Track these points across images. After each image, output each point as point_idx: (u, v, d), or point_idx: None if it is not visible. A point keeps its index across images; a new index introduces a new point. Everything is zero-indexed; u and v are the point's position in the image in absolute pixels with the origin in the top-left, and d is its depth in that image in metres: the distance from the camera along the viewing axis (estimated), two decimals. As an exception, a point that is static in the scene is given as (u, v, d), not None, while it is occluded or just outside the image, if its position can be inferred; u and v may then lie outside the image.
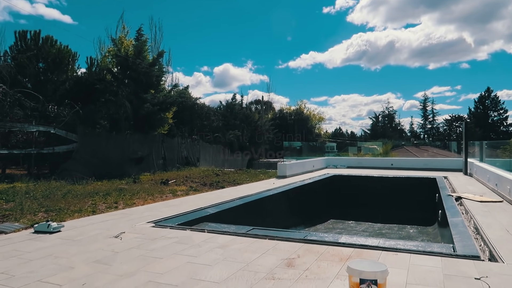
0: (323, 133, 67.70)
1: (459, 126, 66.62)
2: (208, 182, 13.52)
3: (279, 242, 5.21)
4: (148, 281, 3.76)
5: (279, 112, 54.93)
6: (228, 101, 37.42)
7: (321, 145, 50.20)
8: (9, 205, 8.18)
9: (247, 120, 35.51)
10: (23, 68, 18.02)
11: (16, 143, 16.53)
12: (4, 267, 4.19)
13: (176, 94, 25.09)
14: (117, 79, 21.23)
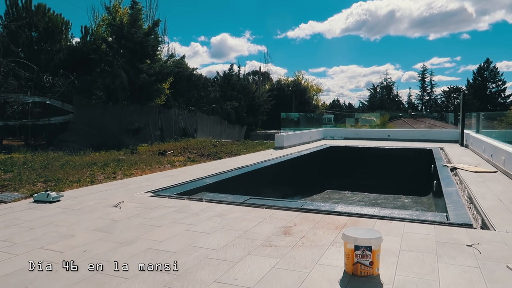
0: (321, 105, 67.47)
1: (457, 97, 66.51)
2: (205, 153, 13.57)
3: (276, 211, 5.30)
4: (148, 248, 3.84)
5: (276, 83, 54.50)
6: (225, 72, 37.01)
7: (319, 116, 50.10)
8: (7, 175, 8.22)
9: (244, 91, 35.23)
10: (15, 37, 17.67)
11: (12, 114, 16.43)
12: (5, 235, 4.26)
13: (173, 64, 24.76)
14: (112, 49, 20.88)
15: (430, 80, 74.13)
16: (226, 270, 3.26)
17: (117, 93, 19.69)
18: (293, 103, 50.22)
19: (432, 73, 76.57)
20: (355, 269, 3.08)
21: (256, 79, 52.36)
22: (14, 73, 15.18)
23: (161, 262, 3.46)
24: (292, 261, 3.46)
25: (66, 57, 19.68)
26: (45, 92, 16.65)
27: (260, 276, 3.13)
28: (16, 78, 15.50)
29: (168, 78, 23.08)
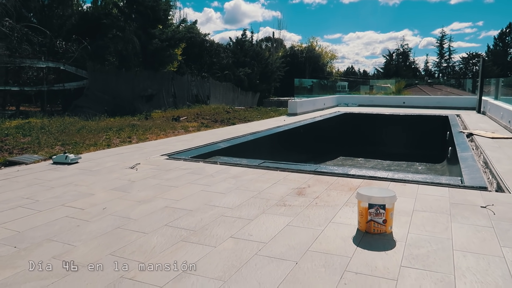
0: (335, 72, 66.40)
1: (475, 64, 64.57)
2: (219, 119, 13.61)
3: (289, 174, 5.35)
4: (165, 206, 3.94)
5: (290, 49, 53.54)
6: (238, 38, 36.40)
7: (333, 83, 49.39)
8: (26, 139, 8.41)
9: (257, 57, 34.75)
10: (27, 1, 17.54)
11: (27, 80, 16.59)
12: (28, 193, 4.42)
13: (185, 29, 24.44)
14: (124, 14, 20.65)
15: (448, 46, 71.95)
16: (241, 227, 3.35)
17: (129, 59, 19.63)
18: (307, 70, 49.49)
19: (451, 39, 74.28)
20: (368, 226, 3.13)
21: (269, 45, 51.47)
22: (28, 38, 15.19)
23: (178, 218, 3.57)
24: (306, 219, 3.52)
25: (78, 22, 19.56)
26: (59, 57, 16.69)
27: (275, 233, 3.20)
28: (29, 44, 15.53)
29: (180, 43, 22.85)
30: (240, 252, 2.85)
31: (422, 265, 2.61)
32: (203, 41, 31.09)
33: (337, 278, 2.45)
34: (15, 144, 7.56)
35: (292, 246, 2.94)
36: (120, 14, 20.77)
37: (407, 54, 75.17)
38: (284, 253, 2.81)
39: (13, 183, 4.91)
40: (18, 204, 4.02)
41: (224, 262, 2.68)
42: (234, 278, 2.46)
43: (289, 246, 2.93)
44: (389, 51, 77.00)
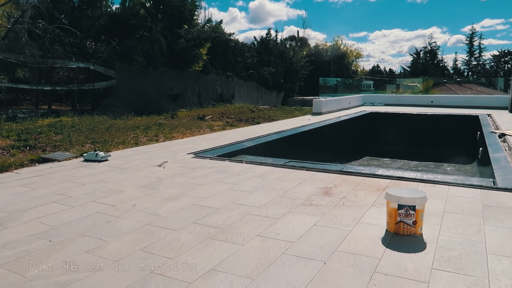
0: (360, 71, 65.48)
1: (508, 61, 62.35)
2: (243, 118, 13.66)
3: (315, 173, 5.32)
4: (192, 204, 4.00)
5: (314, 48, 53.14)
6: (262, 37, 36.40)
7: (358, 82, 48.77)
8: (58, 137, 8.68)
9: (282, 56, 34.66)
10: (58, 3, 18.07)
11: (58, 80, 17.12)
12: (61, 189, 4.56)
13: (210, 29, 24.62)
14: (151, 14, 21.00)
15: (479, 44, 69.72)
16: (268, 226, 3.36)
17: (156, 59, 19.95)
18: (331, 68, 49.01)
19: (482, 36, 72.03)
20: (397, 228, 3.08)
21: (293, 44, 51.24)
22: (59, 39, 15.67)
23: (205, 216, 3.61)
24: (333, 219, 3.50)
25: (106, 23, 20.03)
26: (88, 58, 17.14)
27: (302, 232, 3.20)
28: (61, 44, 16.02)
29: (205, 43, 23.05)
30: (267, 250, 2.86)
31: (454, 268, 2.55)
32: (228, 40, 31.25)
33: (366, 279, 2.43)
34: (48, 142, 7.82)
35: (319, 245, 2.92)
36: (147, 14, 21.14)
37: (435, 52, 73.29)
38: (312, 252, 2.81)
39: (46, 179, 5.09)
40: (52, 200, 4.16)
41: (252, 260, 2.70)
42: (262, 277, 2.47)
43: (317, 246, 2.92)
44: (416, 49, 75.32)
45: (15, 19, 15.73)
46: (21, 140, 7.89)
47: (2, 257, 2.79)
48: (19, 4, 16.54)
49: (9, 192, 4.47)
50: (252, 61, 33.11)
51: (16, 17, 16.12)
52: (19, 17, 15.46)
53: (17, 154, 6.56)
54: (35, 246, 2.97)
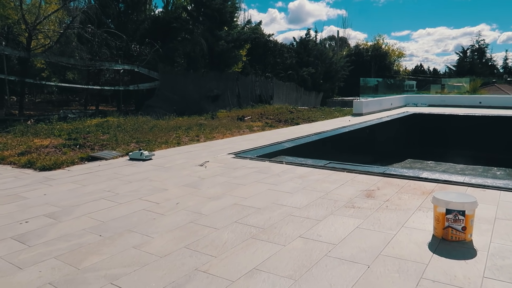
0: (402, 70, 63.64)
1: None
2: (282, 119, 13.66)
3: (357, 175, 5.23)
4: (234, 203, 4.05)
5: (354, 48, 52.24)
6: (302, 37, 36.22)
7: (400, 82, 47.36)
8: (105, 136, 9.06)
9: (321, 57, 34.33)
10: (106, 8, 18.87)
11: (105, 82, 17.89)
12: (109, 187, 4.77)
13: (249, 30, 24.82)
14: (192, 17, 21.46)
15: (533, 40, 65.52)
16: (309, 227, 3.34)
17: (197, 60, 20.35)
18: (372, 69, 47.96)
19: (536, 33, 67.50)
20: (445, 233, 2.97)
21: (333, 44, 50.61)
22: (106, 42, 16.36)
23: (247, 216, 3.65)
24: (377, 222, 3.43)
25: (150, 26, 20.67)
26: (133, 60, 17.77)
27: (345, 235, 3.16)
28: (108, 48, 16.72)
29: (245, 44, 23.27)
30: (309, 252, 2.85)
31: (508, 278, 2.43)
32: (267, 41, 31.36)
33: (412, 285, 2.36)
34: (96, 141, 8.18)
35: (363, 249, 2.88)
36: (188, 17, 21.63)
37: (483, 50, 69.68)
38: (355, 255, 2.77)
39: (95, 176, 5.33)
40: (101, 196, 4.35)
41: (294, 261, 2.70)
42: (305, 278, 2.47)
43: (360, 249, 2.87)
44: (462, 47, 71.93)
45: (66, 24, 16.58)
46: (71, 139, 8.30)
47: (57, 249, 2.95)
48: (70, 10, 17.43)
49: (62, 188, 4.73)
50: (291, 61, 33.01)
51: (67, 23, 17.00)
52: (70, 22, 16.29)
53: (68, 153, 6.92)
54: (87, 240, 3.13)
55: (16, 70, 16.19)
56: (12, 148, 7.25)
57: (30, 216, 3.69)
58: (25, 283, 2.44)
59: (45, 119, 12.66)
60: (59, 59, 15.57)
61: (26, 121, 12.03)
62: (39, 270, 2.62)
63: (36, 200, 4.21)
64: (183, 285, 2.40)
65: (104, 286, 2.40)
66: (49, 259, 2.78)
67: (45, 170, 5.71)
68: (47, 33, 16.32)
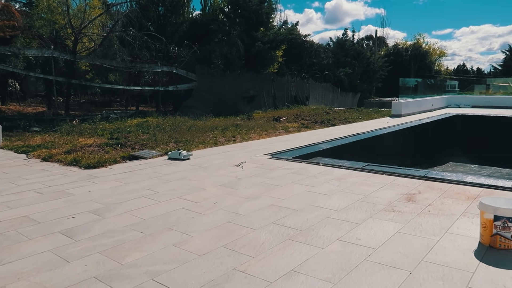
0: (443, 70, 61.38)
1: None
2: (318, 120, 13.53)
3: (397, 178, 5.09)
4: (271, 204, 4.05)
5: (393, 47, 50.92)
6: (338, 37, 35.74)
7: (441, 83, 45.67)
8: (145, 136, 9.33)
9: (358, 57, 33.72)
10: (146, 11, 19.44)
11: (145, 83, 18.44)
12: (149, 185, 4.90)
13: (286, 31, 24.79)
14: (229, 19, 21.71)
15: None
16: (348, 230, 3.29)
17: (233, 62, 20.56)
18: (412, 68, 46.57)
19: None
20: (493, 241, 2.84)
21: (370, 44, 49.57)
22: (147, 45, 16.87)
23: (284, 217, 3.64)
24: (418, 227, 3.32)
25: (188, 28, 21.11)
26: (171, 62, 18.22)
27: (385, 239, 3.08)
28: (148, 50, 17.23)
29: (281, 45, 23.25)
30: (348, 255, 2.80)
31: None
32: (303, 42, 31.15)
33: (457, 293, 2.27)
34: (136, 140, 8.44)
35: (404, 254, 2.80)
36: (225, 19, 21.91)
37: (534, 48, 65.85)
38: (396, 261, 2.69)
39: (136, 175, 5.50)
40: (142, 194, 4.48)
41: (332, 264, 2.67)
42: (344, 282, 2.43)
43: (401, 254, 2.79)
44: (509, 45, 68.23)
45: (109, 28, 17.23)
46: (113, 138, 8.61)
47: (101, 244, 3.07)
48: (112, 14, 18.10)
49: (105, 186, 4.91)
50: (328, 62, 32.63)
51: (109, 26, 17.67)
52: (113, 26, 16.91)
53: (111, 151, 7.18)
54: (129, 236, 3.23)
55: (63, 72, 16.98)
56: (59, 146, 7.61)
57: (76, 212, 3.86)
58: (72, 276, 2.55)
59: (89, 119, 13.21)
60: (102, 61, 16.21)
61: (72, 121, 12.59)
62: (84, 264, 2.73)
63: (81, 197, 4.40)
64: (222, 284, 2.43)
65: (146, 282, 2.47)
66: (94, 254, 2.89)
67: (89, 168, 5.95)
68: (91, 37, 17.03)
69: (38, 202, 4.22)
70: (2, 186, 4.90)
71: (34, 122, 12.60)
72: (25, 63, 18.06)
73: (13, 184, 5.01)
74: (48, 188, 4.79)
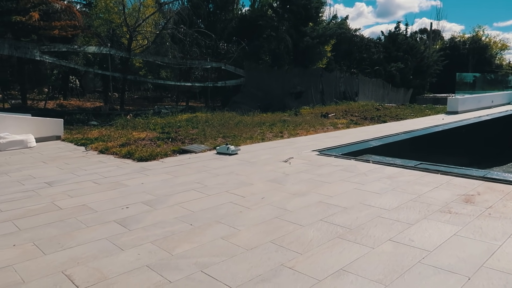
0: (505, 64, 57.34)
1: None
2: (368, 116, 13.16)
3: (453, 178, 4.83)
4: (319, 201, 3.99)
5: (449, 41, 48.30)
6: (390, 31, 34.44)
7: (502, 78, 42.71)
8: (194, 130, 9.54)
9: (411, 51, 32.31)
10: (197, 9, 19.83)
11: (194, 79, 18.86)
12: (198, 179, 5.01)
13: (335, 26, 24.26)
14: (278, 14, 21.60)
15: None
16: (400, 231, 3.17)
17: (281, 57, 20.47)
18: (470, 63, 43.95)
19: None
20: None
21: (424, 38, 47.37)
22: (197, 41, 17.23)
23: (333, 214, 3.57)
24: (478, 231, 3.13)
25: (237, 25, 21.28)
26: (220, 58, 18.47)
27: (440, 242, 2.93)
28: (198, 46, 17.59)
29: (330, 40, 22.81)
30: (401, 257, 2.69)
31: None
32: (353, 36, 30.40)
33: (523, 303, 2.11)
34: (186, 135, 8.65)
35: (462, 258, 2.64)
36: (274, 14, 21.83)
37: None
38: (453, 265, 2.55)
39: (186, 168, 5.64)
40: (191, 188, 4.59)
41: (383, 265, 2.58)
42: (396, 284, 2.34)
43: (459, 258, 2.64)
44: None
45: (162, 25, 17.77)
46: (164, 132, 8.88)
47: (153, 234, 3.17)
48: (164, 13, 18.64)
49: (157, 178, 5.08)
50: (379, 56, 31.58)
51: (162, 24, 18.22)
52: (165, 24, 17.42)
53: (162, 145, 7.41)
54: (179, 228, 3.31)
55: (118, 68, 17.76)
56: (115, 139, 7.98)
57: (129, 203, 4.02)
58: (126, 264, 2.66)
59: (142, 113, 13.73)
60: (154, 58, 16.77)
61: (126, 116, 13.15)
62: (138, 252, 2.83)
63: (135, 188, 4.58)
64: (270, 280, 2.42)
65: (195, 274, 2.52)
66: (146, 243, 2.99)
67: (142, 160, 6.18)
68: (145, 34, 17.66)
69: (96, 192, 4.45)
70: (64, 176, 5.22)
71: (92, 116, 13.29)
72: (85, 60, 19.09)
73: (73, 175, 5.31)
74: (105, 179, 5.03)
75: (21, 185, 4.78)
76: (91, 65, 18.76)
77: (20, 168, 5.79)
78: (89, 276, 2.49)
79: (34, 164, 6.09)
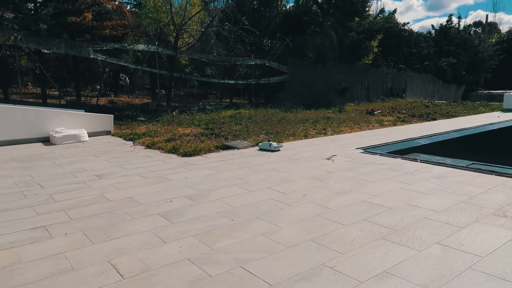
0: None
1: None
2: (416, 114, 12.66)
3: (509, 179, 4.53)
4: (362, 200, 3.89)
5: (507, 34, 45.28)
6: (441, 25, 32.86)
7: None
8: (237, 127, 9.62)
9: (464, 45, 30.66)
10: (241, 6, 19.96)
11: (238, 76, 19.03)
12: (240, 174, 5.04)
13: (382, 20, 23.51)
14: (323, 9, 21.28)
15: None
16: (449, 234, 3.01)
17: (326, 53, 20.15)
18: (531, 57, 40.95)
19: None
20: None
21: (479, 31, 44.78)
22: (241, 39, 17.36)
23: (376, 214, 3.46)
24: (537, 237, 2.91)
25: (281, 21, 21.19)
26: (264, 55, 18.50)
27: (494, 247, 2.75)
28: (242, 43, 17.72)
29: (377, 35, 22.15)
30: (449, 261, 2.56)
31: None
32: (401, 30, 29.26)
33: None
34: (229, 131, 8.74)
35: (518, 266, 2.47)
36: (319, 10, 21.52)
37: None
38: (508, 273, 2.39)
39: (228, 164, 5.69)
40: (233, 183, 4.62)
41: (430, 269, 2.46)
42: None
43: (514, 266, 2.47)
44: None
45: (207, 23, 18.06)
46: (208, 128, 9.03)
47: (195, 228, 3.23)
48: (210, 11, 18.93)
49: (201, 173, 5.17)
50: (429, 51, 30.23)
51: (207, 22, 18.52)
52: (210, 22, 17.69)
53: (206, 141, 7.54)
54: (220, 223, 3.35)
55: (165, 66, 18.29)
56: (161, 135, 8.21)
57: (173, 196, 4.12)
58: (168, 256, 2.72)
59: (187, 110, 14.05)
60: (200, 56, 17.09)
61: (172, 112, 13.51)
62: (179, 245, 2.89)
63: (178, 183, 4.69)
64: (309, 279, 2.39)
65: (235, 269, 2.53)
66: (188, 237, 3.05)
67: (186, 156, 6.32)
68: (191, 32, 18.03)
69: (142, 185, 4.60)
70: (112, 169, 5.45)
71: (140, 113, 13.79)
72: (134, 58, 19.82)
73: (121, 168, 5.53)
74: (150, 173, 5.19)
75: (73, 177, 5.04)
76: (140, 63, 19.43)
77: (73, 161, 6.10)
78: (133, 267, 2.57)
79: (85, 157, 6.40)
